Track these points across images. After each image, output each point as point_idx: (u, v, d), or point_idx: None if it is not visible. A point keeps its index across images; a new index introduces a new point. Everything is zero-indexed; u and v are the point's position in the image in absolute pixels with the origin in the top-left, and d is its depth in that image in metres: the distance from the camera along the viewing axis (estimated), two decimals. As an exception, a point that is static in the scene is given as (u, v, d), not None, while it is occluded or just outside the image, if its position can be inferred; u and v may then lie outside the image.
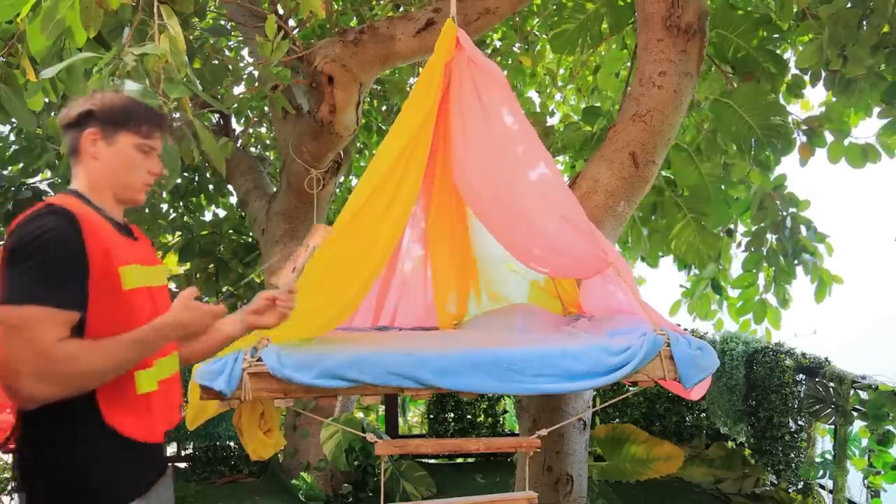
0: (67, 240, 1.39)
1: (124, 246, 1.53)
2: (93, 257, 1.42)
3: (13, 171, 5.09)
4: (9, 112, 2.28)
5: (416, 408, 7.04)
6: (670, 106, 3.17)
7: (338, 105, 3.80)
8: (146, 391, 1.52)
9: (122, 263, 1.47)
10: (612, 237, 3.22)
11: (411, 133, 2.45)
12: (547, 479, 3.24)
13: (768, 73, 3.82)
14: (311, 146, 4.17)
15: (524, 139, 2.49)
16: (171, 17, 1.86)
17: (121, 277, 1.47)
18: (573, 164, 5.43)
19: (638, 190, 3.23)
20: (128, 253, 1.52)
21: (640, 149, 3.15)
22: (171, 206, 6.01)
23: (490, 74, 2.51)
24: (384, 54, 3.77)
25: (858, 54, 3.27)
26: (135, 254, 1.55)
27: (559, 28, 4.25)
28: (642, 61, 3.27)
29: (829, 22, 3.27)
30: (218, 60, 4.37)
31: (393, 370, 2.13)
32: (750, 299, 5.02)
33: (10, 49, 2.25)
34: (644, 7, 3.26)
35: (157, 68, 1.81)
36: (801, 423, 4.53)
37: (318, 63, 3.73)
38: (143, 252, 1.62)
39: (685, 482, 5.15)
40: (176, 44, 1.83)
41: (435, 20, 3.66)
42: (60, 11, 1.74)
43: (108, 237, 1.47)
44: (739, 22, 3.79)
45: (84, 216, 1.44)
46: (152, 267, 1.63)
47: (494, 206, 2.56)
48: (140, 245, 1.64)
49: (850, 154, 4.14)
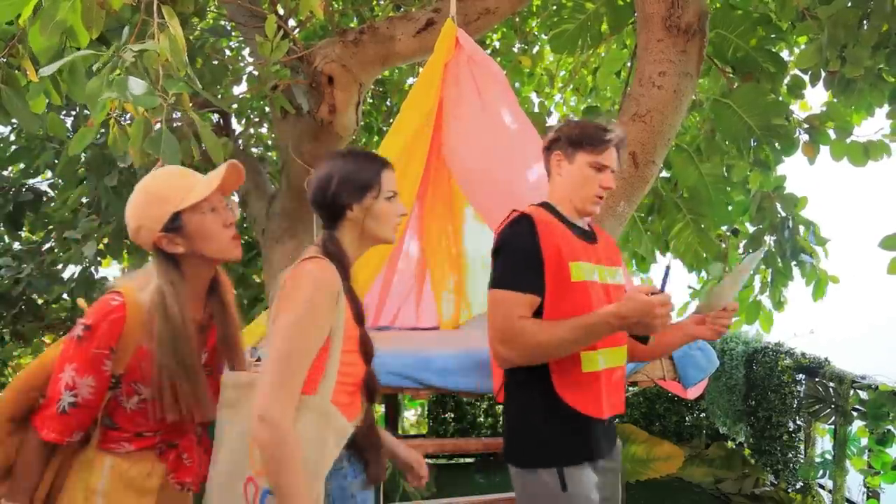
0: (526, 239, 1.74)
1: (579, 246, 1.79)
2: (546, 253, 1.73)
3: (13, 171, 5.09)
4: (10, 113, 2.28)
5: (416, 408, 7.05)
6: (670, 106, 3.17)
7: (338, 105, 3.81)
8: (590, 370, 1.75)
9: (571, 259, 1.74)
10: (613, 237, 3.22)
11: (411, 133, 2.46)
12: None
13: (768, 73, 3.82)
14: (311, 146, 4.17)
15: (524, 138, 2.49)
16: (171, 17, 1.86)
17: (569, 270, 1.73)
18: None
19: (638, 190, 3.24)
20: (580, 252, 1.78)
21: (640, 149, 3.16)
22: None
23: (490, 73, 2.51)
24: (384, 54, 3.77)
25: (857, 55, 3.27)
26: (589, 254, 1.81)
27: (559, 28, 4.25)
28: (642, 61, 3.27)
29: (829, 23, 3.27)
30: (218, 60, 4.37)
31: (393, 370, 2.13)
32: (744, 300, 5.01)
33: (11, 50, 2.26)
34: (644, 7, 3.27)
35: (155, 66, 1.81)
36: (801, 423, 4.54)
37: (318, 63, 3.74)
38: (603, 254, 1.88)
39: (685, 482, 5.15)
40: (176, 42, 1.84)
41: (435, 20, 3.66)
42: (60, 12, 1.74)
43: (561, 238, 1.76)
44: (739, 22, 3.79)
45: (542, 221, 1.77)
46: (610, 267, 1.88)
47: (495, 204, 2.56)
48: (600, 247, 1.88)
49: (851, 152, 4.14)
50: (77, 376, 1.40)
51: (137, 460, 1.49)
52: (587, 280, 1.77)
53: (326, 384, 1.41)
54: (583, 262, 1.77)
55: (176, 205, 1.43)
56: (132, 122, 2.08)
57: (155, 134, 1.82)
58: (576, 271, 1.76)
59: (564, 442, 1.74)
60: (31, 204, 4.70)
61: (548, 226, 1.78)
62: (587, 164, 1.84)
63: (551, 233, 1.77)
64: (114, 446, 1.48)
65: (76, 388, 1.40)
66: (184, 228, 1.45)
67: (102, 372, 1.42)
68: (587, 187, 1.85)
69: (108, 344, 1.41)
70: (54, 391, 1.41)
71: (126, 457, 1.49)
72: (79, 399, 1.40)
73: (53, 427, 1.41)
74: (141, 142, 1.82)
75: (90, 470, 1.46)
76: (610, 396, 1.81)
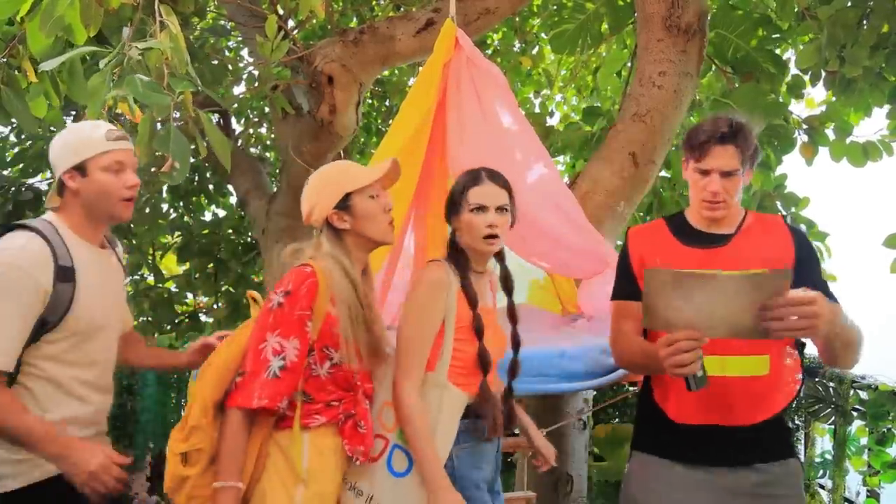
0: (622, 251, 1.86)
1: (678, 254, 1.75)
2: (633, 261, 1.82)
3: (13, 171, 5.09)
4: (10, 113, 2.28)
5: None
6: (670, 106, 3.17)
7: (338, 105, 3.81)
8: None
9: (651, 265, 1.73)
10: (612, 237, 3.22)
11: (410, 133, 2.46)
12: (547, 479, 3.25)
13: (768, 73, 3.82)
14: (311, 146, 4.17)
15: (523, 139, 2.49)
16: (170, 15, 1.86)
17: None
18: (573, 164, 5.43)
19: (638, 190, 3.24)
20: (675, 260, 1.70)
21: (640, 149, 3.16)
22: (171, 206, 6.00)
23: (489, 75, 2.51)
24: (384, 54, 3.77)
25: (857, 55, 3.27)
26: (694, 261, 1.69)
27: (559, 28, 4.26)
28: (642, 61, 3.28)
29: (828, 23, 3.27)
30: (218, 60, 4.37)
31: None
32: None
33: (12, 51, 2.26)
34: (644, 7, 3.27)
35: (159, 64, 1.82)
36: (800, 423, 4.53)
37: (318, 63, 3.74)
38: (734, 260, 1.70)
39: (685, 482, 5.13)
40: (177, 41, 1.84)
41: (435, 20, 3.66)
42: (59, 9, 1.74)
43: (650, 247, 1.80)
44: (739, 22, 3.79)
45: (636, 232, 1.87)
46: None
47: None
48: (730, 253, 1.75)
49: (851, 153, 4.14)
50: (283, 340, 1.52)
51: (328, 435, 1.62)
52: None
53: (443, 362, 1.68)
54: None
55: (347, 186, 1.66)
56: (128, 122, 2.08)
57: (163, 132, 1.82)
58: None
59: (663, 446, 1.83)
60: (31, 203, 4.69)
61: (638, 235, 1.86)
62: (693, 169, 1.78)
63: (640, 242, 1.83)
64: (309, 421, 1.59)
65: (284, 351, 1.52)
66: (352, 208, 1.66)
67: (305, 333, 1.56)
68: (696, 194, 1.79)
69: (308, 305, 1.56)
70: (257, 362, 1.52)
71: (319, 431, 1.60)
72: (287, 362, 1.52)
73: (265, 394, 1.49)
74: (148, 140, 1.82)
75: (292, 448, 1.56)
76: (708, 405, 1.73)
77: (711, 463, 1.76)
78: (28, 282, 1.56)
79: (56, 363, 1.65)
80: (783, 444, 1.82)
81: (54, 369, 1.65)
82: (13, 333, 1.55)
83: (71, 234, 1.71)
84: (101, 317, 1.73)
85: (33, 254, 1.59)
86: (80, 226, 1.73)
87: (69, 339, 1.66)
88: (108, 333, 1.78)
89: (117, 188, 1.71)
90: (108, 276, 1.80)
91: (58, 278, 1.61)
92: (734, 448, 1.75)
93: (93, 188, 1.69)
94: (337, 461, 1.62)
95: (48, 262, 1.60)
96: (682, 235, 1.80)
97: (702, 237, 1.79)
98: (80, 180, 1.69)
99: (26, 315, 1.56)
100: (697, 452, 1.77)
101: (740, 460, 1.76)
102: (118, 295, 1.86)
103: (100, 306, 1.73)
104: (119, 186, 1.71)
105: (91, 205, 1.71)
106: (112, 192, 1.71)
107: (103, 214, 1.74)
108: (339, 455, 1.63)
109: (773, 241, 1.78)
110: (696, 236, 1.80)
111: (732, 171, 1.73)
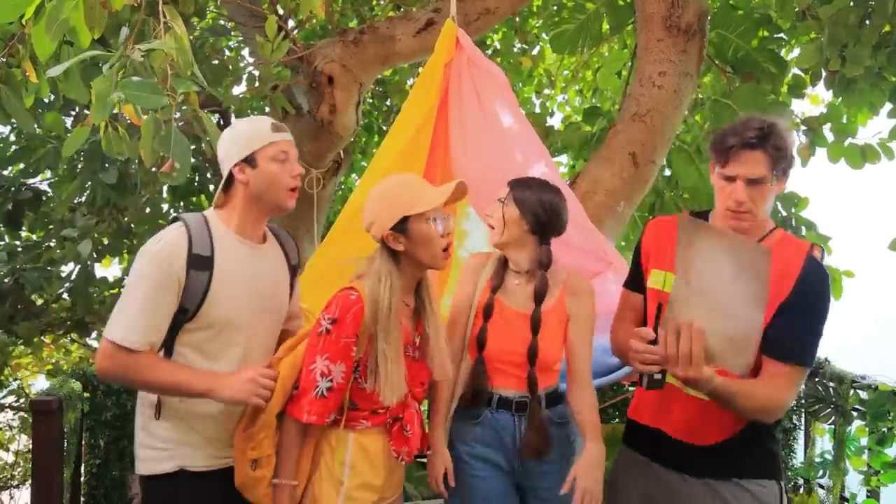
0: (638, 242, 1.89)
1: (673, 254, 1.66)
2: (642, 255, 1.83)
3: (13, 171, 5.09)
4: (10, 113, 2.28)
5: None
6: (670, 106, 3.17)
7: (338, 105, 3.81)
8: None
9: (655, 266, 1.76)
10: (612, 237, 3.22)
11: (411, 133, 2.45)
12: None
13: (768, 73, 3.82)
14: (311, 146, 4.17)
15: (524, 139, 2.49)
16: (175, 17, 1.86)
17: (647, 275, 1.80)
18: (573, 164, 5.43)
19: (638, 190, 3.24)
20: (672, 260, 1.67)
21: (640, 149, 3.16)
22: (171, 206, 6.00)
23: (490, 75, 2.51)
24: (384, 54, 3.77)
25: (858, 54, 3.27)
26: None
27: (559, 28, 4.26)
28: (642, 61, 3.28)
29: (829, 22, 3.27)
30: (218, 60, 4.37)
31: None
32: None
33: (11, 50, 2.25)
34: (644, 7, 3.27)
35: (163, 65, 1.82)
36: (800, 423, 4.53)
37: (318, 63, 3.74)
38: None
39: (685, 482, 5.13)
40: (181, 42, 1.84)
41: (435, 20, 3.66)
42: (64, 12, 1.74)
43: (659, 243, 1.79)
44: (739, 22, 3.79)
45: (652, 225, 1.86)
46: None
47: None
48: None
49: (849, 154, 4.14)
50: (331, 364, 1.66)
51: (374, 435, 1.76)
52: (659, 289, 1.74)
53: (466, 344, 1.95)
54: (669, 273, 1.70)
55: (406, 210, 1.70)
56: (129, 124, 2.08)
57: (165, 133, 1.82)
58: (652, 277, 1.77)
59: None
60: (31, 203, 4.69)
61: (654, 228, 1.83)
62: (718, 175, 1.67)
63: (654, 235, 1.81)
64: (355, 424, 1.74)
65: (331, 374, 1.66)
66: (408, 231, 1.71)
67: (350, 358, 1.69)
68: (721, 201, 1.68)
69: (353, 333, 1.67)
70: (308, 381, 1.67)
71: (365, 432, 1.75)
72: (333, 384, 1.66)
73: (313, 410, 1.66)
74: (151, 141, 1.82)
75: (339, 446, 1.73)
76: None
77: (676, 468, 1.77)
78: (163, 268, 1.64)
79: (196, 352, 1.72)
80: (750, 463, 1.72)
81: (196, 358, 1.72)
82: (145, 313, 1.63)
83: (223, 227, 1.77)
84: (245, 309, 1.76)
85: (170, 242, 1.68)
86: (240, 222, 1.79)
87: (208, 329, 1.72)
88: (254, 327, 1.80)
89: (284, 177, 1.78)
90: (261, 270, 1.82)
91: (191, 265, 1.66)
92: (681, 459, 1.75)
93: (262, 178, 1.75)
94: (383, 459, 1.77)
95: (182, 250, 1.67)
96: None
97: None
98: (249, 171, 1.75)
99: (157, 299, 1.63)
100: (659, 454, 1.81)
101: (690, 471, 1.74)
102: (273, 288, 1.87)
103: (244, 299, 1.76)
104: (285, 175, 1.78)
105: (259, 195, 1.77)
106: (280, 181, 1.77)
107: (270, 204, 1.80)
108: (386, 454, 1.78)
109: (780, 267, 1.60)
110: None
111: (760, 179, 1.61)
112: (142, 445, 1.76)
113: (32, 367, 6.09)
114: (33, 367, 6.09)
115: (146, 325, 1.63)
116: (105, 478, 3.18)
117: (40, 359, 5.92)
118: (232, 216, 1.79)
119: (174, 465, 1.71)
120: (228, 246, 1.75)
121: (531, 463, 1.89)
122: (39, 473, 2.77)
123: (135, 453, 1.79)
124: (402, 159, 2.42)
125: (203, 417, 1.73)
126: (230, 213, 1.80)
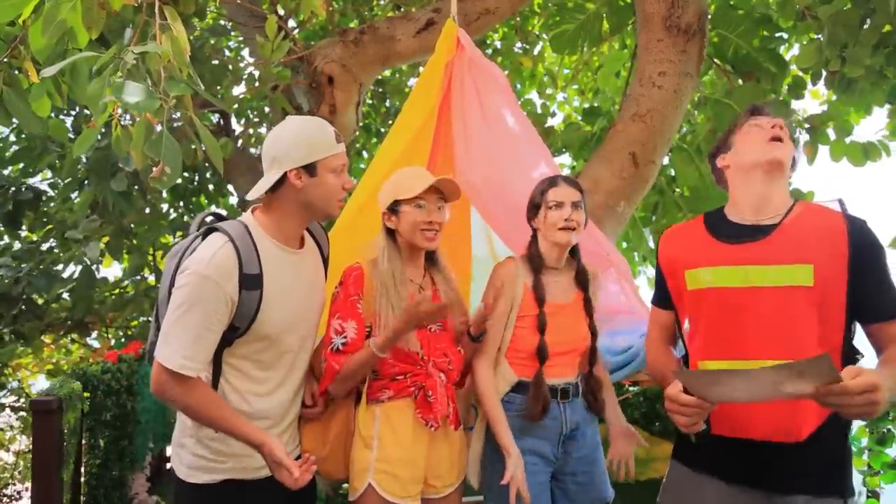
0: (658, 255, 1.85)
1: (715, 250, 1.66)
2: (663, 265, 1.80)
3: (13, 170, 5.09)
4: (12, 114, 2.28)
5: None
6: (670, 106, 3.17)
7: (338, 105, 3.81)
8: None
9: (689, 267, 1.69)
10: (612, 237, 3.22)
11: (412, 133, 2.45)
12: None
13: (768, 72, 3.82)
14: (312, 146, 4.17)
15: (525, 139, 2.49)
16: (175, 19, 1.85)
17: (685, 280, 1.70)
18: (573, 164, 5.43)
19: (638, 190, 3.24)
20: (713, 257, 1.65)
21: (640, 149, 3.16)
22: (171, 206, 6.00)
23: (490, 75, 2.51)
24: (384, 54, 3.77)
25: (858, 54, 3.27)
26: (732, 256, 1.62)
27: (559, 28, 4.26)
28: (642, 61, 3.28)
29: (829, 22, 3.27)
30: (218, 60, 4.37)
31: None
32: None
33: (13, 51, 2.25)
34: (644, 7, 3.27)
35: (157, 67, 1.81)
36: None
37: (318, 63, 3.74)
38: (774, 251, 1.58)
39: (685, 482, 5.13)
40: (178, 44, 1.83)
41: (435, 20, 3.66)
42: (62, 12, 1.74)
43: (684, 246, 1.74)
44: (739, 22, 3.79)
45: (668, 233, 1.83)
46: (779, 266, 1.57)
47: (497, 204, 2.56)
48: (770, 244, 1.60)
49: (850, 152, 4.15)
50: (342, 321, 1.85)
51: (400, 407, 1.89)
52: (711, 287, 1.63)
53: (503, 345, 2.01)
54: (708, 268, 1.63)
55: (397, 195, 1.90)
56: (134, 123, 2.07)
57: (155, 137, 1.81)
58: (692, 280, 1.67)
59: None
60: (31, 203, 4.69)
61: (669, 238, 1.81)
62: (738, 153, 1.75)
63: (672, 243, 1.78)
64: (378, 395, 1.89)
65: (344, 331, 1.85)
66: (398, 213, 1.91)
67: (358, 314, 1.87)
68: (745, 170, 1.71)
69: (356, 291, 1.87)
70: (327, 337, 1.88)
71: (389, 403, 1.89)
72: (347, 339, 1.84)
73: (334, 360, 1.84)
74: (143, 144, 1.81)
75: (366, 419, 1.90)
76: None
77: (745, 482, 1.61)
78: (216, 291, 1.60)
79: (250, 363, 1.73)
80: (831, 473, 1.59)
81: (250, 368, 1.73)
82: (201, 341, 1.61)
83: (265, 237, 1.72)
84: (292, 318, 1.76)
85: (220, 264, 1.62)
86: (281, 227, 1.75)
87: (261, 341, 1.72)
88: (303, 329, 1.82)
89: (338, 189, 1.77)
90: (301, 277, 1.81)
91: (243, 286, 1.64)
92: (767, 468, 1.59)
93: (319, 188, 1.72)
94: (415, 429, 1.89)
95: (234, 271, 1.63)
96: (717, 231, 1.69)
97: (739, 230, 1.65)
98: (307, 179, 1.71)
99: (212, 324, 1.61)
100: (730, 468, 1.63)
101: (775, 486, 1.59)
102: (315, 290, 1.88)
103: (293, 309, 1.76)
104: (339, 187, 1.77)
105: (311, 203, 1.74)
106: (335, 193, 1.76)
107: (319, 213, 1.80)
108: (416, 424, 1.89)
109: (822, 232, 1.57)
110: (732, 230, 1.66)
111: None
112: (190, 452, 1.73)
113: (32, 367, 6.10)
114: (33, 367, 6.10)
115: (203, 350, 1.62)
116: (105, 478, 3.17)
117: (40, 359, 5.92)
118: (275, 223, 1.75)
119: (224, 476, 1.71)
120: (274, 259, 1.72)
121: (571, 448, 2.04)
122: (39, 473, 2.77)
123: (174, 453, 1.76)
124: (404, 159, 2.42)
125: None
126: (273, 220, 1.75)
